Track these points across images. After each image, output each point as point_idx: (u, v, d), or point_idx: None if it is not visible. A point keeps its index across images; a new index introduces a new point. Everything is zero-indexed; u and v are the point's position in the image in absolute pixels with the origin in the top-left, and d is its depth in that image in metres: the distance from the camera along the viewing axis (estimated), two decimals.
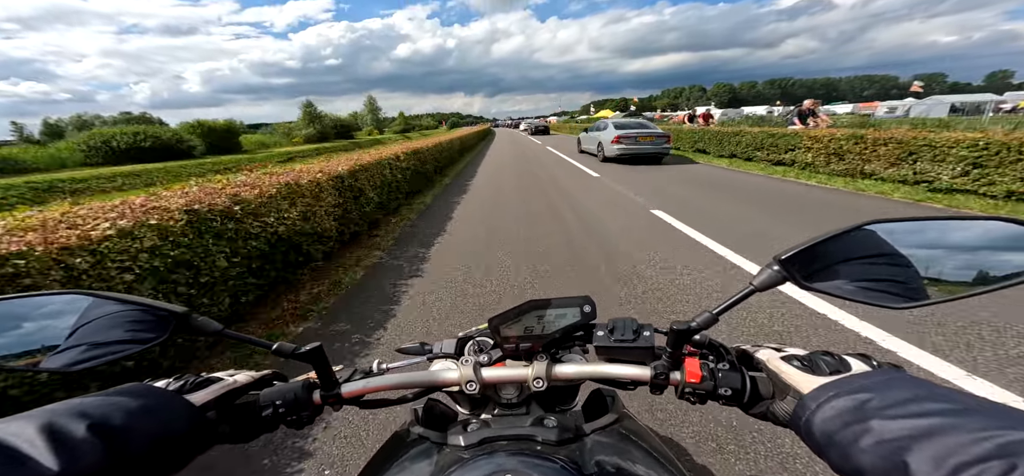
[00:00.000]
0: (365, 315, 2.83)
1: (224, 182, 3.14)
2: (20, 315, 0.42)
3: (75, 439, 0.30)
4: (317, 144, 32.90)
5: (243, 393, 0.48)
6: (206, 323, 0.43)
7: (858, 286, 0.39)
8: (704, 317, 0.43)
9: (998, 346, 2.15)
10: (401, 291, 3.23)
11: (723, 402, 0.45)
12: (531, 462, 0.39)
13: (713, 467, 1.48)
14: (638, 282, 3.18)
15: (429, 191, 8.26)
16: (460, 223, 5.42)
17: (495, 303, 2.95)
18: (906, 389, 0.31)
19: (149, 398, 0.37)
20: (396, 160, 6.58)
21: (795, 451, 1.53)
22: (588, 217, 5.34)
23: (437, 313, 2.83)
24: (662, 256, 3.73)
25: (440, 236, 4.82)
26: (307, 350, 0.45)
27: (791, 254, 0.40)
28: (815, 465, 1.46)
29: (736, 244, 3.93)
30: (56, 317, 0.42)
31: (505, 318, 0.48)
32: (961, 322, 2.36)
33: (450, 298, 3.05)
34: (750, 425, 1.63)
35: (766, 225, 4.65)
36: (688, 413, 1.73)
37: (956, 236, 0.40)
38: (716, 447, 1.58)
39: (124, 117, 40.15)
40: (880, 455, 0.28)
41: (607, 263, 3.62)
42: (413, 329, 2.62)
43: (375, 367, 0.55)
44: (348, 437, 1.72)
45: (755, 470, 1.48)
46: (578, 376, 0.49)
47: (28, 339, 0.41)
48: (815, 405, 0.34)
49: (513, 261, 3.79)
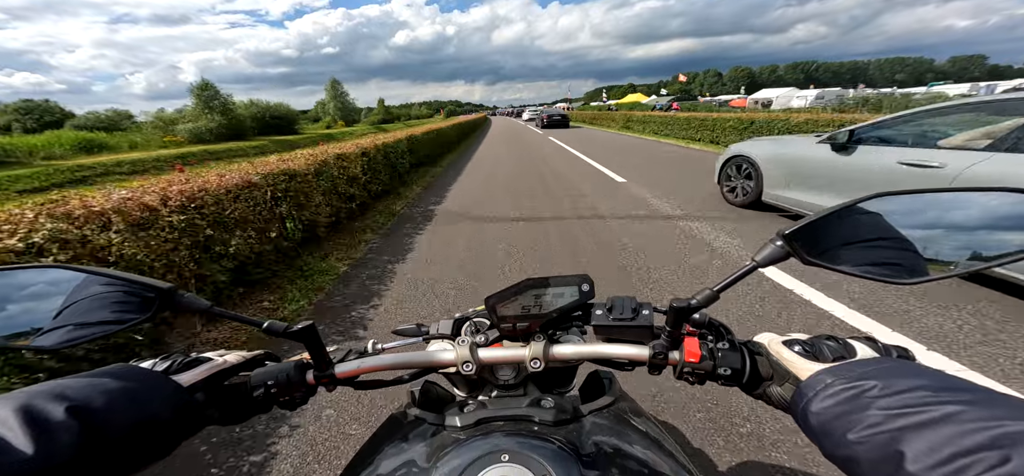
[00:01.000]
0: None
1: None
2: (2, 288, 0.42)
3: (52, 422, 0.29)
4: (205, 145, 22.62)
5: (233, 374, 0.47)
6: (193, 300, 0.42)
7: (862, 262, 0.39)
8: (704, 294, 0.42)
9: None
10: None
11: (722, 382, 0.45)
12: (528, 442, 0.39)
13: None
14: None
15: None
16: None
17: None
18: (910, 377, 0.30)
19: (133, 379, 0.36)
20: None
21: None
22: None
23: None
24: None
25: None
26: (299, 328, 0.44)
27: (795, 229, 0.40)
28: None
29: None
30: (38, 291, 0.42)
31: (502, 297, 0.47)
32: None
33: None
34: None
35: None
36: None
37: (962, 210, 0.39)
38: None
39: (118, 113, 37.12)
40: (875, 444, 0.27)
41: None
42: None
43: (370, 347, 0.54)
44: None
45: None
46: (575, 356, 0.49)
47: (11, 315, 0.41)
48: (812, 393, 0.34)
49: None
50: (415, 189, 7.02)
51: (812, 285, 2.66)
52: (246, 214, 2.94)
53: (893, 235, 0.39)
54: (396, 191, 6.71)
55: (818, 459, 1.41)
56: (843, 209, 0.40)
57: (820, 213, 0.40)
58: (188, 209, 2.44)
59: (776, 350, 0.42)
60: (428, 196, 6.43)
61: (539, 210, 5.08)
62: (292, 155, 4.41)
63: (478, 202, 5.75)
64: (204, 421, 0.43)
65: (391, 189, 6.59)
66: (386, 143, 6.67)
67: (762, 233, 3.82)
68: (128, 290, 0.41)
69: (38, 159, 16.73)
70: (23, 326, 0.40)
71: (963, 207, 0.40)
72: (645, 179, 6.78)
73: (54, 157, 17.54)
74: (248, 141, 26.51)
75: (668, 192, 5.74)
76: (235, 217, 2.81)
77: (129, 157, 17.71)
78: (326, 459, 1.55)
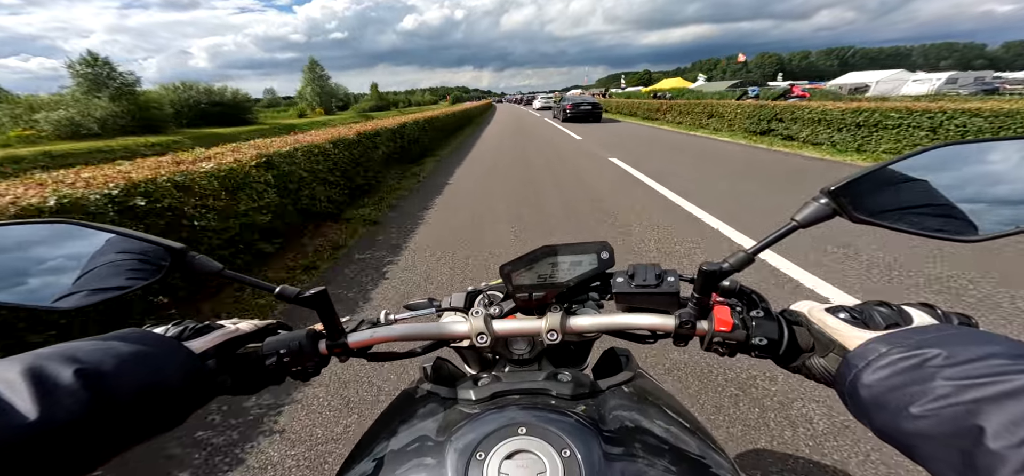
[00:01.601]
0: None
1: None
2: (9, 245, 0.41)
3: (59, 385, 0.29)
4: (82, 141, 16.61)
5: (245, 342, 0.47)
6: (205, 261, 0.43)
7: (915, 218, 0.37)
8: (738, 257, 0.40)
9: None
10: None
11: (756, 353, 0.42)
12: (546, 416, 0.38)
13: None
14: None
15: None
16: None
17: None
18: (980, 345, 0.27)
19: (144, 344, 0.36)
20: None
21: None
22: None
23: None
24: None
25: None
26: (311, 294, 0.43)
27: (840, 185, 0.37)
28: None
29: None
30: (48, 247, 0.41)
31: (517, 265, 0.45)
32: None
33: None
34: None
35: None
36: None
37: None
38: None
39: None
40: (945, 419, 0.25)
41: None
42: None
43: (382, 318, 0.54)
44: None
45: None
46: (595, 328, 0.47)
47: (21, 272, 0.40)
48: (863, 363, 0.31)
49: None
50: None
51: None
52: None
53: (949, 190, 0.36)
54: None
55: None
56: (893, 163, 0.37)
57: (867, 168, 0.37)
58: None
59: (818, 318, 0.39)
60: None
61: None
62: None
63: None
64: (215, 390, 0.42)
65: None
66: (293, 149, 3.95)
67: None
68: (142, 249, 0.41)
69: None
70: (39, 284, 0.39)
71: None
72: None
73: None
74: (164, 135, 19.85)
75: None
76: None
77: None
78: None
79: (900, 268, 2.83)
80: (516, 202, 5.13)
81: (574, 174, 6.79)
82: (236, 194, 3.07)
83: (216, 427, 1.72)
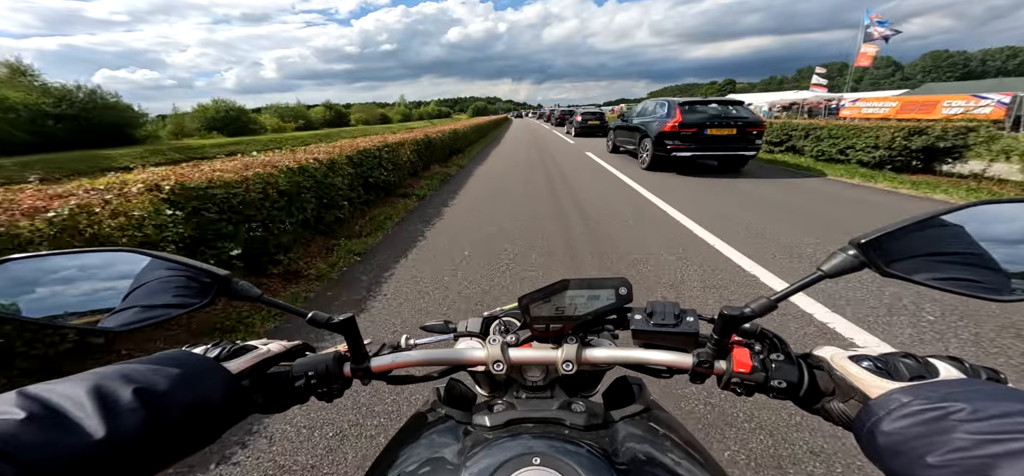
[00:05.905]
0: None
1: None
2: (77, 271, 0.44)
3: (121, 404, 0.31)
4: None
5: (275, 362, 0.49)
6: (247, 288, 0.45)
7: (946, 275, 0.37)
8: (760, 303, 0.40)
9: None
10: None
11: (774, 395, 0.42)
12: (560, 446, 0.39)
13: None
14: None
15: None
16: None
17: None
18: (1004, 401, 0.28)
19: (188, 365, 0.38)
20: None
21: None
22: None
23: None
24: None
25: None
26: (340, 320, 0.46)
27: (871, 238, 0.38)
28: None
29: None
30: (109, 274, 0.44)
31: (535, 297, 0.46)
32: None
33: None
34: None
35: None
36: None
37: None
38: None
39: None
40: (962, 469, 0.25)
41: None
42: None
43: (403, 342, 0.56)
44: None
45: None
46: (611, 360, 0.48)
47: (85, 296, 0.43)
48: (883, 411, 0.32)
49: None
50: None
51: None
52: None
53: (979, 248, 0.37)
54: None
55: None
56: (925, 219, 0.38)
57: (899, 223, 0.38)
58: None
59: (841, 365, 0.40)
60: None
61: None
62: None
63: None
64: (250, 408, 0.44)
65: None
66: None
67: None
68: (188, 275, 0.44)
69: None
70: (92, 307, 0.42)
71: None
72: None
73: None
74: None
75: None
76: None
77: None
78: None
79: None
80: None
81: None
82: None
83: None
